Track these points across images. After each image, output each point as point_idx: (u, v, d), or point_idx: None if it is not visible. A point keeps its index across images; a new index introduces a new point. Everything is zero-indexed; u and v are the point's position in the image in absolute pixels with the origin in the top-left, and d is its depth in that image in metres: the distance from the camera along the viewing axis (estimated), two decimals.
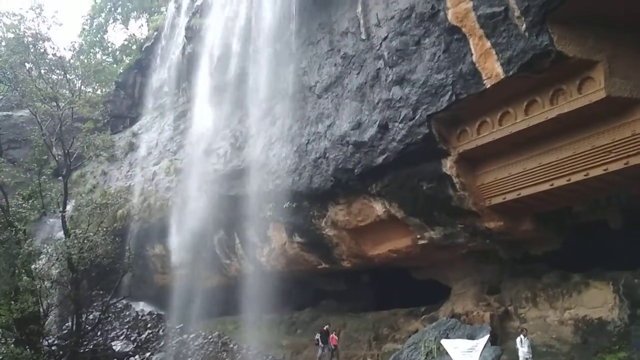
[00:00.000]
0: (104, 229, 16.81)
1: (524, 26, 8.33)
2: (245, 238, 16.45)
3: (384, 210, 12.16)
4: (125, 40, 30.50)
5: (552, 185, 9.49)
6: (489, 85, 9.09)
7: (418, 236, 12.17)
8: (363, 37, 11.52)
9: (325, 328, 14.63)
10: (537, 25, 8.20)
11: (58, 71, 18.83)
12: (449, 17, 9.42)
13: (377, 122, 11.09)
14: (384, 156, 11.14)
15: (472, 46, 9.17)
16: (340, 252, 14.13)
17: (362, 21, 11.50)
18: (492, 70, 8.93)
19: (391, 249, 13.04)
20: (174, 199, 18.51)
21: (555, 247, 11.72)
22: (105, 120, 22.27)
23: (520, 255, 12.33)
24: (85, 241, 15.94)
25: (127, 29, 32.19)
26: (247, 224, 16.01)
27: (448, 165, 10.45)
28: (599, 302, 10.61)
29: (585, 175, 9.04)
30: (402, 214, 11.87)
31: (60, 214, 17.29)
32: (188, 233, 17.41)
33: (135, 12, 31.55)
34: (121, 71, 25.75)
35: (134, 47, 28.07)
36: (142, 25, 31.55)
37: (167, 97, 21.75)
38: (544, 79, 8.66)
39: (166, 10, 25.15)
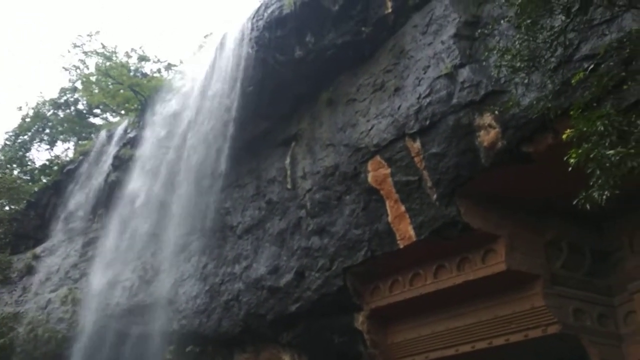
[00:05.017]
0: None
1: (435, 196, 9.13)
2: None
3: None
4: (48, 160, 29.83)
5: (457, 351, 9.66)
6: (402, 246, 9.62)
7: None
8: (289, 186, 12.07)
9: None
10: (447, 197, 9.03)
11: None
12: (369, 179, 10.19)
13: (294, 269, 11.19)
14: (298, 304, 11.06)
15: (388, 208, 9.84)
16: None
17: (289, 172, 12.13)
18: (406, 232, 9.52)
19: None
20: (65, 331, 16.94)
21: None
22: (7, 240, 20.89)
23: None
24: None
25: (52, 150, 31.70)
26: None
27: (360, 320, 10.50)
28: None
29: (488, 344, 9.32)
30: None
31: None
32: None
33: (63, 135, 31.35)
34: (36, 190, 24.80)
35: (55, 168, 27.44)
36: (68, 149, 31.20)
37: (80, 222, 20.93)
38: (453, 245, 9.30)
39: (96, 138, 25.25)
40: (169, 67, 28.44)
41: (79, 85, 28.66)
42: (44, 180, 27.05)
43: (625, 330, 8.77)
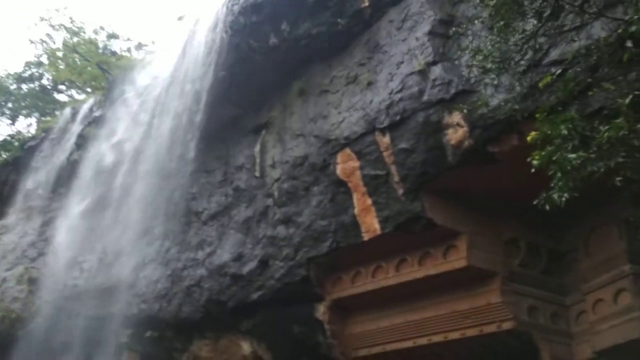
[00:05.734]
0: None
1: (402, 191, 9.26)
2: None
3: (251, 350, 11.77)
4: (9, 135, 28.87)
5: (414, 343, 9.87)
6: (366, 239, 9.74)
7: None
8: (257, 174, 12.02)
9: None
10: (413, 193, 9.16)
11: None
12: (338, 171, 10.24)
13: (259, 257, 11.19)
14: (260, 292, 11.09)
15: (355, 200, 9.93)
16: None
17: (258, 160, 12.08)
18: (371, 225, 9.63)
19: None
20: (20, 311, 16.53)
21: None
22: None
23: None
24: None
25: (14, 125, 30.73)
26: (98, 349, 14.55)
27: (321, 311, 10.60)
28: None
29: (444, 338, 9.55)
30: (270, 357, 11.55)
31: None
32: (27, 353, 15.37)
33: (26, 111, 30.40)
34: None
35: (16, 144, 26.61)
36: (30, 125, 30.28)
37: (39, 200, 20.40)
38: (415, 240, 9.46)
39: (61, 114, 24.59)
40: (139, 46, 27.87)
41: (44, 59, 27.82)
42: (4, 156, 26.19)
43: (576, 329, 9.09)
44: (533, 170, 5.78)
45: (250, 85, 12.51)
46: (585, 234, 9.07)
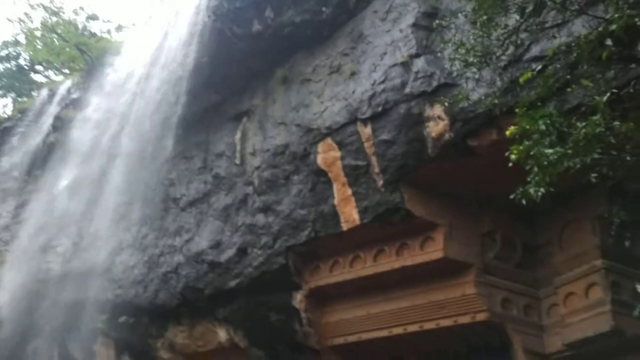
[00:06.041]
0: None
1: (381, 182, 9.32)
2: (66, 351, 14.71)
3: (227, 337, 11.76)
4: None
5: (390, 332, 9.98)
6: (345, 229, 9.80)
7: None
8: (237, 162, 11.95)
9: None
10: (392, 184, 9.23)
11: None
12: (318, 161, 10.25)
13: (237, 245, 11.16)
14: (237, 280, 11.08)
15: (335, 190, 9.96)
16: None
17: (238, 147, 12.00)
18: (350, 215, 9.68)
19: None
20: None
21: None
22: None
23: None
24: None
25: None
26: (71, 334, 14.44)
27: (298, 299, 10.64)
28: None
29: (420, 327, 9.68)
30: (246, 344, 11.57)
31: None
32: None
33: (2, 91, 29.76)
34: None
35: None
36: (6, 105, 29.70)
37: (14, 182, 20.03)
38: (394, 231, 9.54)
39: (37, 95, 24.11)
40: (119, 28, 27.38)
41: (22, 39, 27.18)
42: None
43: (547, 322, 9.29)
44: (511, 164, 5.86)
45: (232, 71, 12.38)
46: (560, 229, 9.24)
